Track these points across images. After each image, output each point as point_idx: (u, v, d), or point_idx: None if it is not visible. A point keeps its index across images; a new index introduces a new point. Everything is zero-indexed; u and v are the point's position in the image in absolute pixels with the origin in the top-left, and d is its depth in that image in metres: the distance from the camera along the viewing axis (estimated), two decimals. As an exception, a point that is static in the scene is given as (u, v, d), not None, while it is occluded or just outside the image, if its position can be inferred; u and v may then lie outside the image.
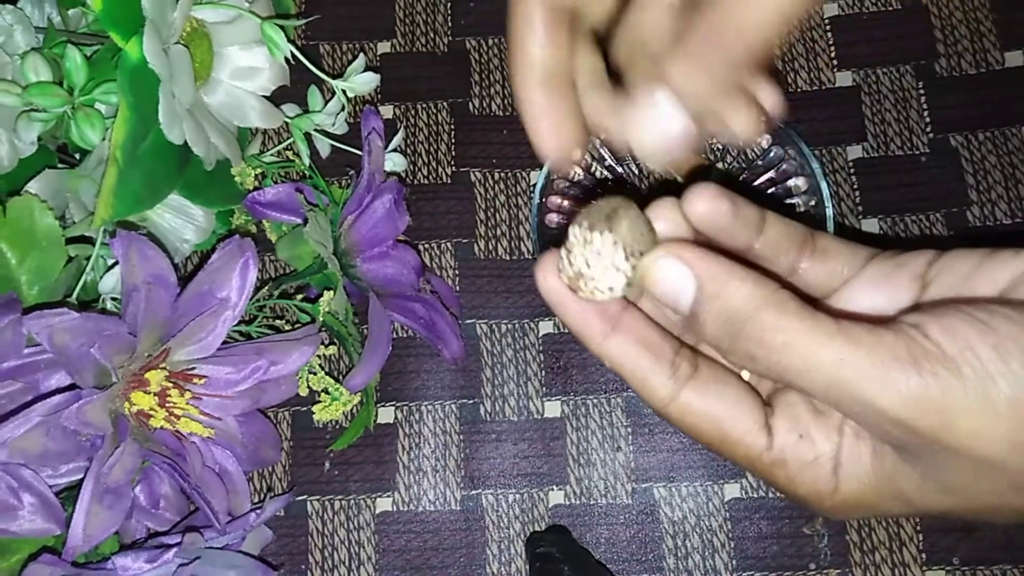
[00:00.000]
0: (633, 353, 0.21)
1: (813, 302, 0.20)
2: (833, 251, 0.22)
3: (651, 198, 0.23)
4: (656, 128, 0.21)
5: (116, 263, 0.33)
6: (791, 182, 0.38)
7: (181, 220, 0.36)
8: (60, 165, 0.34)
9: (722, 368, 0.22)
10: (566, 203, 0.39)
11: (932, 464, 0.19)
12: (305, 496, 0.38)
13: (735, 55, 0.18)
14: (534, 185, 0.38)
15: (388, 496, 0.38)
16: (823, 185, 0.36)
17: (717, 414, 0.21)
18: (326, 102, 0.40)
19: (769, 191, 0.39)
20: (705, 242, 0.21)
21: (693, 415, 0.21)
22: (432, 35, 0.44)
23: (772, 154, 0.38)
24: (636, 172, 0.41)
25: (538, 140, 0.22)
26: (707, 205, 0.21)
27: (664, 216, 0.21)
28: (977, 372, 0.17)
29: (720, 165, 0.40)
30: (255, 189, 0.38)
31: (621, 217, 0.19)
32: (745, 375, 0.23)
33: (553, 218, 0.39)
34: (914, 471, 0.19)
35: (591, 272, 0.19)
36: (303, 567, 0.37)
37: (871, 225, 0.40)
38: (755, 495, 0.37)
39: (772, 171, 0.39)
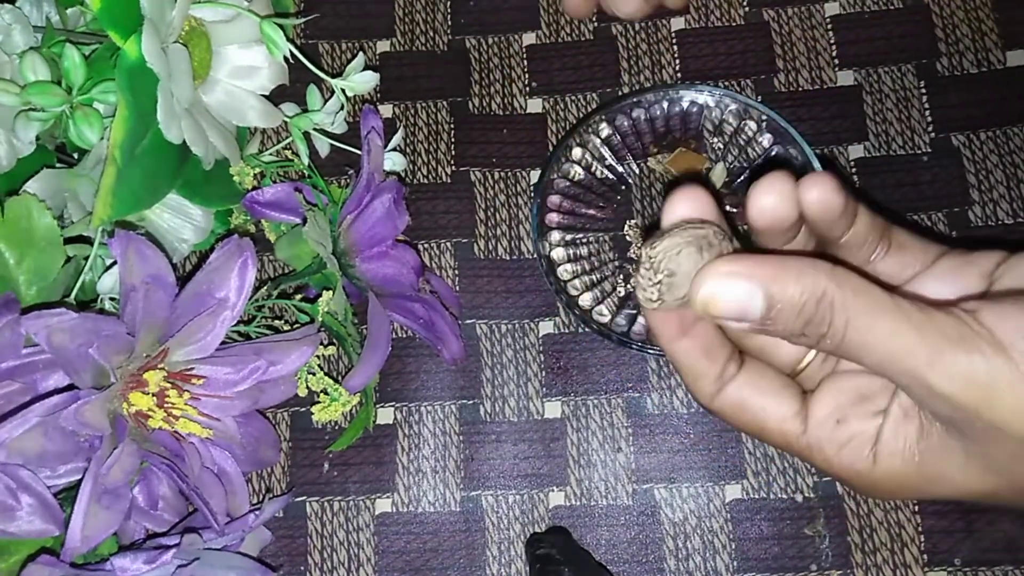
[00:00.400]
0: (694, 356, 0.23)
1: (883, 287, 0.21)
2: (908, 245, 0.23)
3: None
4: None
5: (114, 263, 0.33)
6: None
7: (180, 220, 0.36)
8: (58, 165, 0.34)
9: (763, 364, 0.24)
10: (566, 203, 0.39)
11: (977, 442, 0.19)
12: (304, 497, 0.38)
13: None
14: (534, 185, 0.38)
15: (387, 497, 0.38)
16: None
17: (755, 407, 0.23)
18: (325, 101, 0.39)
19: None
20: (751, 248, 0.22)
21: (734, 408, 0.23)
22: (432, 34, 0.44)
23: (774, 153, 0.38)
24: (636, 171, 0.41)
25: None
26: (823, 195, 0.21)
27: (688, 199, 0.22)
28: None
29: (721, 165, 0.40)
30: (254, 188, 0.37)
31: (663, 236, 0.21)
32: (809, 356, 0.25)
33: (553, 218, 0.38)
34: (960, 449, 0.20)
35: (641, 283, 0.21)
36: (302, 568, 0.37)
37: (872, 225, 0.40)
38: (756, 496, 0.37)
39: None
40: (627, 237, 0.40)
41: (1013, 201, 0.39)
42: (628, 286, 0.39)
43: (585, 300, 0.37)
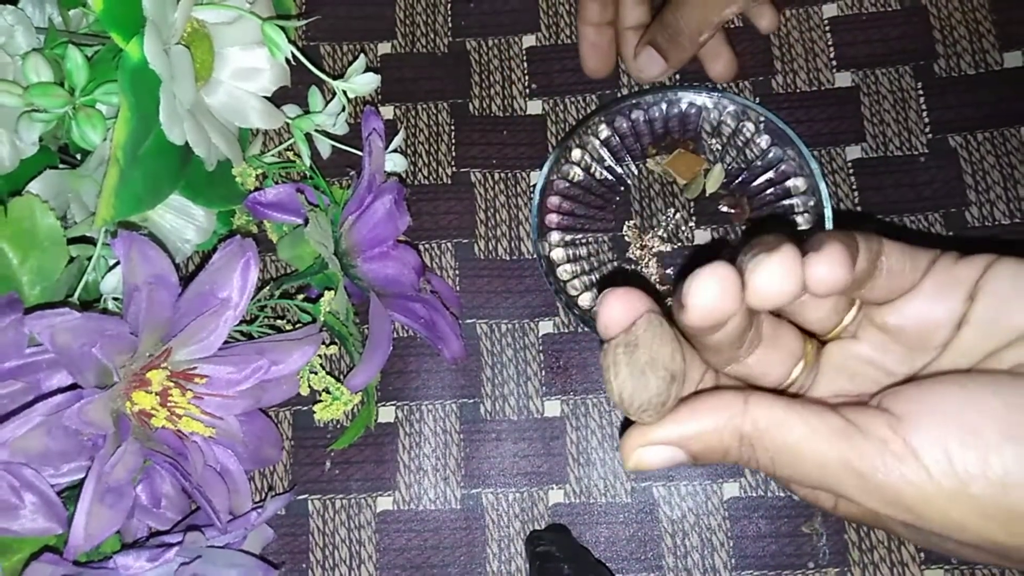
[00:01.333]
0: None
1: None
2: (898, 262, 0.22)
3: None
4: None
5: (117, 263, 0.33)
6: (790, 182, 0.38)
7: (182, 220, 0.36)
8: (61, 165, 0.34)
9: None
10: (566, 203, 0.39)
11: (930, 538, 0.20)
12: (306, 495, 0.38)
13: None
14: (534, 185, 0.38)
15: (389, 495, 0.38)
16: (822, 185, 0.36)
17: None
18: (327, 103, 0.40)
19: (768, 191, 0.39)
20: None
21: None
22: (432, 36, 0.44)
23: (771, 154, 0.38)
24: (635, 172, 0.41)
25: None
26: (830, 272, 0.19)
27: (621, 301, 0.22)
28: (946, 472, 0.18)
29: (720, 166, 0.40)
30: (256, 189, 0.38)
31: (612, 368, 0.21)
32: None
33: (553, 218, 0.39)
34: (904, 528, 0.20)
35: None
36: (304, 566, 0.37)
37: (871, 226, 0.40)
38: (754, 494, 0.37)
39: (771, 171, 0.39)
40: (626, 238, 0.40)
41: (1010, 202, 0.39)
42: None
43: (585, 300, 0.38)
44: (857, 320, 0.23)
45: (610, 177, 0.41)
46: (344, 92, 0.39)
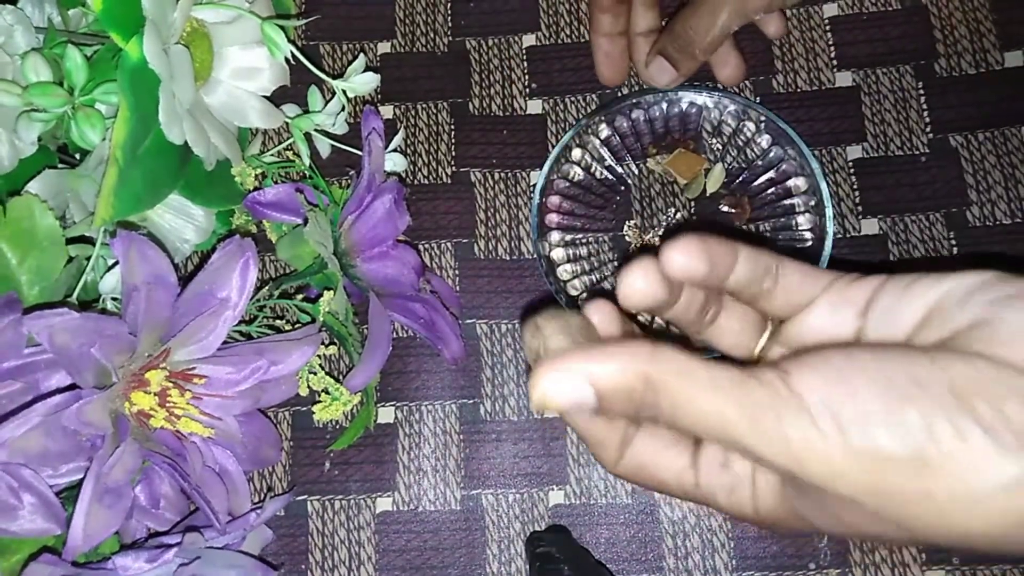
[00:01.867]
0: (595, 424, 0.24)
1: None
2: (796, 281, 0.25)
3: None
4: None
5: (116, 263, 0.33)
6: (791, 182, 0.38)
7: (181, 220, 0.36)
8: (60, 165, 0.34)
9: (654, 429, 0.25)
10: (566, 203, 0.39)
11: (816, 497, 0.20)
12: (305, 496, 0.38)
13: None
14: (534, 185, 0.38)
15: (388, 496, 0.38)
16: (823, 185, 0.36)
17: (653, 466, 0.24)
18: (326, 102, 0.40)
19: (769, 191, 0.39)
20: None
21: (636, 470, 0.25)
22: (432, 35, 0.44)
23: (772, 154, 0.38)
24: (635, 172, 0.41)
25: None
26: (683, 262, 0.23)
27: (597, 311, 0.25)
28: (834, 422, 0.19)
29: (720, 166, 0.40)
30: (255, 189, 0.38)
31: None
32: None
33: (553, 218, 0.39)
34: (808, 500, 0.21)
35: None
36: (303, 567, 0.37)
37: (871, 225, 0.40)
38: (755, 495, 0.37)
39: (772, 171, 0.39)
40: (626, 237, 0.40)
41: (1011, 201, 0.39)
42: None
43: (585, 300, 0.37)
44: (769, 344, 0.26)
45: (610, 177, 0.41)
46: (344, 91, 0.39)
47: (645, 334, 0.26)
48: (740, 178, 0.40)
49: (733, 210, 0.40)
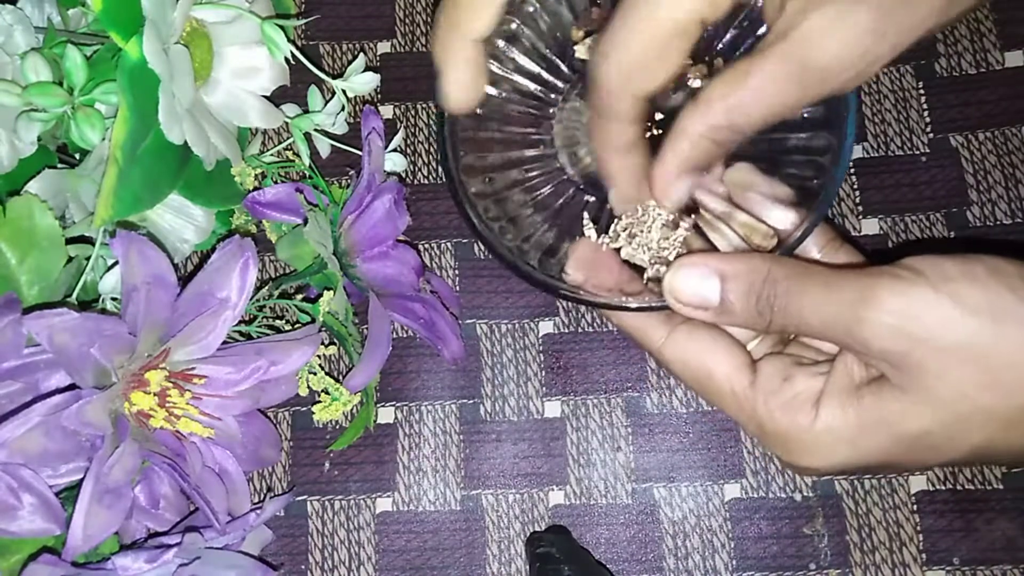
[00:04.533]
0: (639, 320, 0.26)
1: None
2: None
3: None
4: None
5: (116, 263, 0.33)
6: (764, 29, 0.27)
7: (181, 220, 0.36)
8: (60, 165, 0.34)
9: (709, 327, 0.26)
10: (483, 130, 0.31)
11: (912, 372, 0.21)
12: (305, 496, 0.38)
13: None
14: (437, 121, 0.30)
15: (388, 496, 0.38)
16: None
17: (704, 352, 0.25)
18: (326, 102, 0.40)
19: (748, 41, 0.29)
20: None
21: (684, 353, 0.25)
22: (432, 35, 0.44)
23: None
24: (568, 72, 0.31)
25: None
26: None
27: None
28: (944, 276, 0.21)
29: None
30: (255, 189, 0.37)
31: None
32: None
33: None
34: (898, 390, 0.22)
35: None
36: (303, 567, 0.37)
37: (871, 225, 0.40)
38: (755, 495, 0.37)
39: (739, 18, 0.28)
40: (569, 173, 0.32)
41: (1011, 201, 0.39)
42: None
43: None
44: None
45: (536, 89, 0.31)
46: (343, 91, 0.39)
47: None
48: (702, 36, 0.26)
49: (699, 82, 0.30)
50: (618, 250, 0.28)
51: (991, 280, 0.21)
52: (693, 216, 0.28)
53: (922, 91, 0.41)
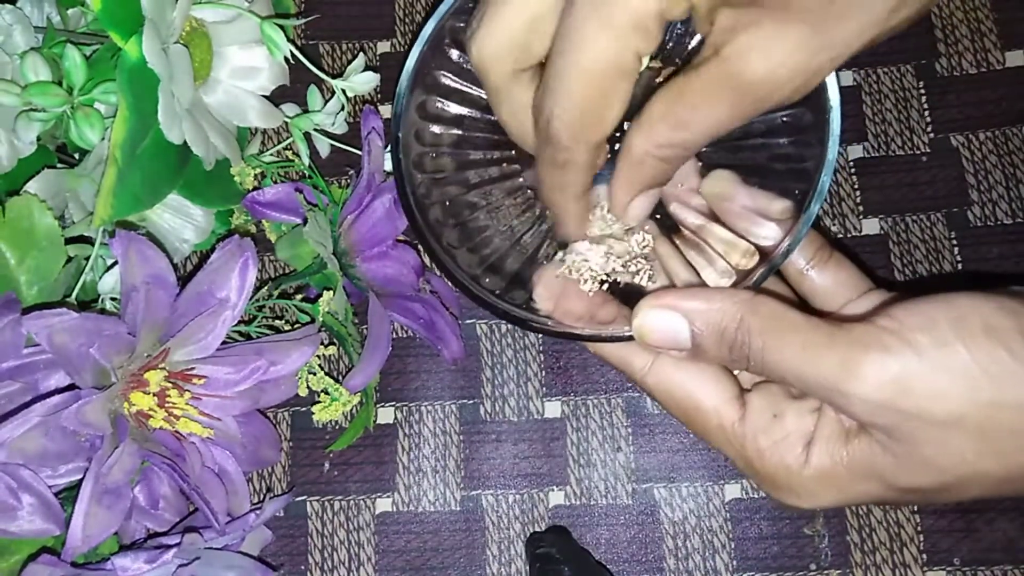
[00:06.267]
0: (623, 350, 0.24)
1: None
2: (844, 266, 0.25)
3: None
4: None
5: (115, 263, 0.33)
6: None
7: (180, 220, 0.36)
8: (59, 165, 0.34)
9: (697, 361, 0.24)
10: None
11: (906, 441, 0.20)
12: (305, 496, 0.38)
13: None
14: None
15: (388, 496, 0.38)
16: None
17: (691, 382, 0.24)
18: (326, 102, 0.39)
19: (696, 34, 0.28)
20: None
21: (669, 383, 0.24)
22: (432, 35, 0.44)
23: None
24: None
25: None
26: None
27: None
28: (935, 341, 0.20)
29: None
30: (254, 189, 0.37)
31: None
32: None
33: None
34: (891, 452, 0.21)
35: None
36: (303, 567, 0.37)
37: (871, 225, 0.40)
38: (756, 496, 0.37)
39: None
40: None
41: (1012, 201, 0.39)
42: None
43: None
44: None
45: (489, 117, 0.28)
46: (343, 91, 0.39)
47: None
48: (670, 35, 0.28)
49: (659, 79, 0.29)
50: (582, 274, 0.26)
51: (987, 340, 0.19)
52: (648, 222, 0.27)
53: (923, 91, 0.41)
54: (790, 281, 0.26)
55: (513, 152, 0.30)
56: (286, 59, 0.36)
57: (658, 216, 0.28)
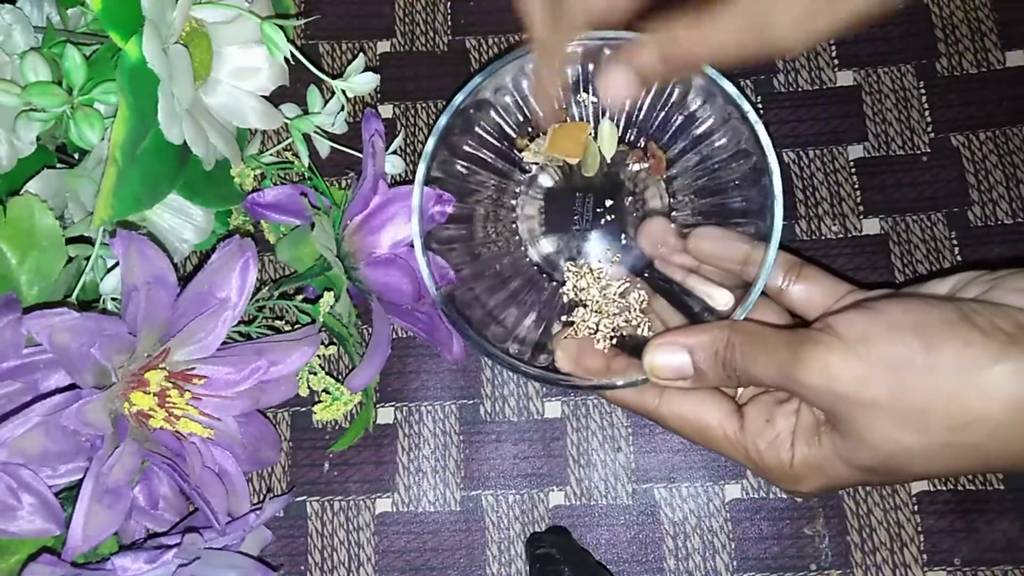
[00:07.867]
0: (633, 396, 0.30)
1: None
2: (817, 279, 0.30)
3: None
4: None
5: (116, 263, 0.33)
6: (691, 102, 0.32)
7: (180, 220, 0.36)
8: (59, 165, 0.34)
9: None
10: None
11: (846, 421, 0.25)
12: (305, 497, 0.38)
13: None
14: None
15: (388, 497, 0.38)
16: (728, 87, 0.29)
17: (697, 406, 0.29)
18: (325, 102, 0.39)
19: (673, 120, 0.33)
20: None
21: (680, 410, 0.29)
22: (432, 34, 0.44)
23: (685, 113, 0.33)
24: (521, 180, 0.36)
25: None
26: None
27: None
28: (857, 336, 0.24)
29: (606, 120, 0.34)
30: (254, 190, 0.37)
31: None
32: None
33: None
34: (840, 433, 0.25)
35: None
36: (303, 568, 0.37)
37: (872, 225, 0.40)
38: (756, 496, 0.37)
39: (669, 97, 0.32)
40: (565, 293, 0.35)
41: (1012, 201, 0.39)
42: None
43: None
44: None
45: (495, 194, 0.35)
46: (343, 91, 0.39)
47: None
48: (634, 123, 0.33)
49: (646, 164, 0.34)
50: (593, 333, 0.32)
51: (892, 335, 0.24)
52: (640, 281, 0.33)
53: (923, 91, 0.41)
54: (774, 298, 0.31)
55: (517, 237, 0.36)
56: (286, 59, 0.36)
57: (646, 275, 0.35)
